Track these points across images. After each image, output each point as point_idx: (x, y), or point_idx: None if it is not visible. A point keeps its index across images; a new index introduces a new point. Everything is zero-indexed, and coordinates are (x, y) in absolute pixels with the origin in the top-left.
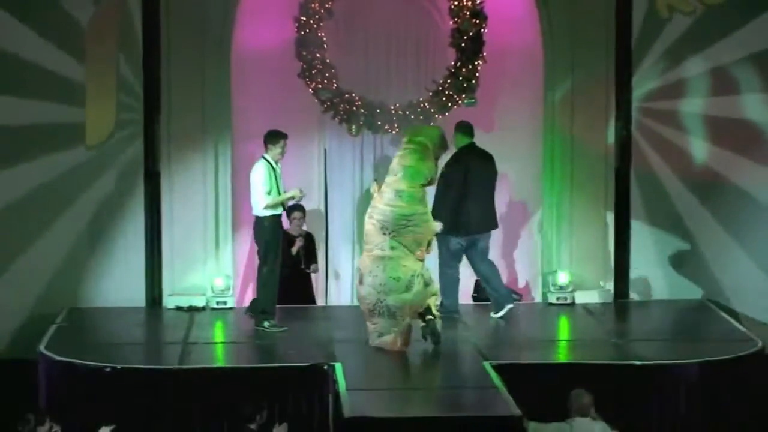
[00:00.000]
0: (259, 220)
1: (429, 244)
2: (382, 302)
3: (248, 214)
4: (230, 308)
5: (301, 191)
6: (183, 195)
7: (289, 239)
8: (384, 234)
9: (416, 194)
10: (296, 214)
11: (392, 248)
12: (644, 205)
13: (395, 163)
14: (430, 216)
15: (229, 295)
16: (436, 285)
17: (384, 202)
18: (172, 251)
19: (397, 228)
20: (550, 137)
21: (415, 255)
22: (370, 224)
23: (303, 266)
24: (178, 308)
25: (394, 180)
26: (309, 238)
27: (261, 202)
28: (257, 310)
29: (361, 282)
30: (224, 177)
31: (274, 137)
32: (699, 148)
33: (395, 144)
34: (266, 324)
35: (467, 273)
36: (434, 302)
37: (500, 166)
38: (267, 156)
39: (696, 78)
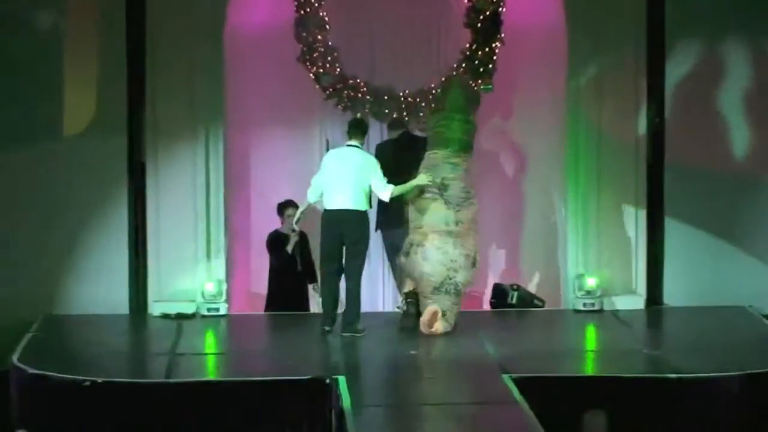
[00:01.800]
0: (362, 217)
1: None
2: (451, 279)
3: (243, 210)
4: (222, 315)
5: (432, 178)
6: (171, 190)
7: (283, 239)
8: (449, 209)
9: (468, 168)
10: (290, 211)
11: (457, 223)
12: (679, 202)
13: (437, 137)
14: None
15: (222, 301)
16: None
17: (443, 175)
18: (158, 252)
19: (460, 202)
20: (575, 127)
21: (474, 230)
22: (429, 199)
23: (299, 267)
24: (165, 316)
25: (445, 154)
26: (303, 238)
27: (386, 192)
28: (355, 321)
29: (425, 258)
30: (216, 170)
31: (363, 125)
32: (740, 138)
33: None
34: (359, 327)
35: (483, 277)
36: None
37: (519, 158)
38: (357, 143)
39: (736, 60)
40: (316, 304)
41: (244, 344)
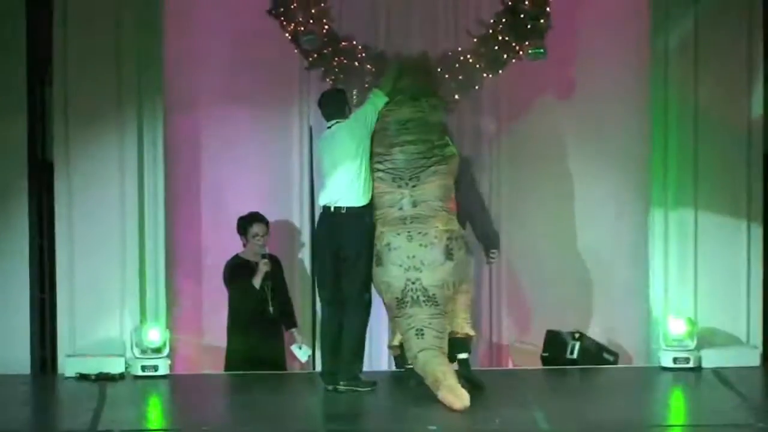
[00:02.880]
0: (358, 216)
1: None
2: (413, 283)
3: (191, 228)
4: (163, 376)
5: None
6: (89, 200)
7: (246, 268)
8: (399, 187)
9: (429, 118)
10: (257, 228)
11: (415, 204)
12: None
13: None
14: (452, 144)
15: (163, 355)
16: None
17: (387, 145)
18: (71, 288)
19: (415, 173)
20: (661, 109)
21: (447, 208)
22: (376, 181)
23: (270, 306)
24: (83, 377)
25: (392, 111)
26: (275, 264)
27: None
28: (352, 370)
29: (379, 263)
30: (153, 171)
31: (335, 98)
32: None
33: None
34: (360, 378)
35: (528, 320)
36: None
37: (584, 154)
38: (338, 120)
39: None
40: (296, 359)
41: (196, 417)
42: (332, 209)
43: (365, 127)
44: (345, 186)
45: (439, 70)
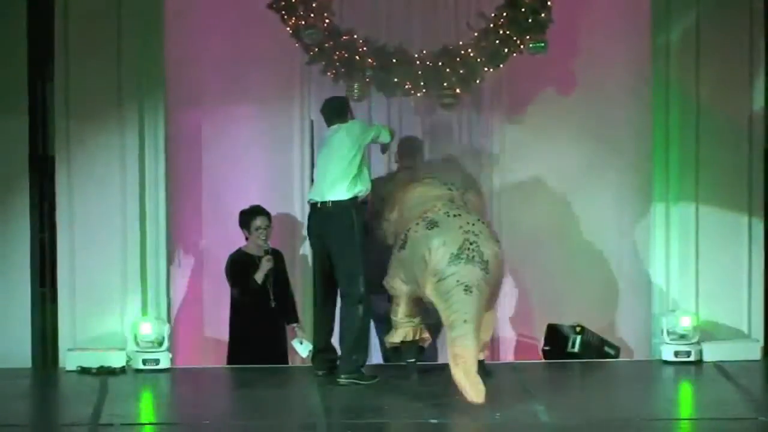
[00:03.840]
0: (342, 207)
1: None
2: (471, 243)
3: (193, 221)
4: (165, 370)
5: None
6: (90, 193)
7: (249, 262)
8: (449, 189)
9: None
10: (260, 221)
11: (465, 194)
12: None
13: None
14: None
15: (163, 349)
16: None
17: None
18: (72, 281)
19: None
20: (662, 103)
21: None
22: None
23: (272, 300)
24: (84, 370)
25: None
26: (278, 258)
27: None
28: (352, 363)
29: (431, 226)
30: (154, 165)
31: (335, 105)
32: None
33: (420, 112)
34: (361, 372)
35: (529, 313)
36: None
37: (585, 149)
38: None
39: None
40: (297, 353)
41: (196, 411)
42: (318, 204)
43: (363, 134)
44: (334, 181)
45: (440, 63)
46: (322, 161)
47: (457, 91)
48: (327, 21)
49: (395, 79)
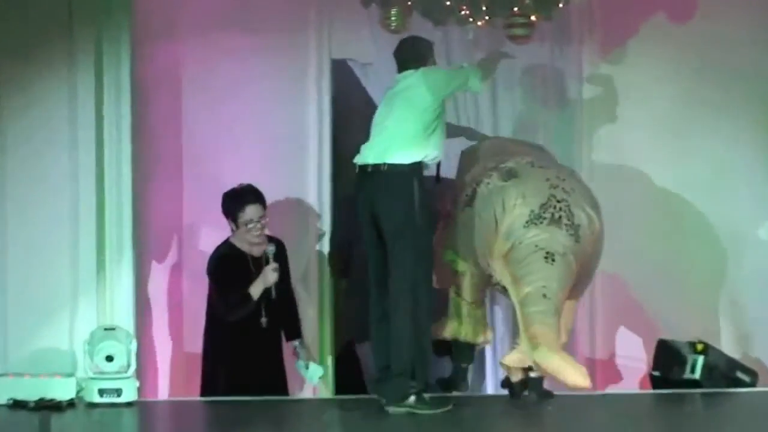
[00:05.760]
0: (406, 174)
1: None
2: (559, 202)
3: (169, 202)
4: (129, 404)
5: None
6: (28, 165)
7: (241, 260)
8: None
9: None
10: (251, 213)
11: None
12: None
13: None
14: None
15: (128, 375)
16: None
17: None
18: (3, 286)
19: None
20: None
21: None
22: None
23: (263, 317)
24: (17, 404)
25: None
26: (278, 251)
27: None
28: (403, 388)
29: (507, 177)
30: (116, 116)
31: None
32: None
33: (481, 48)
34: (421, 398)
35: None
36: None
37: (707, 99)
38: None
39: None
40: (302, 380)
41: None
42: (369, 168)
43: (445, 81)
44: (393, 138)
45: None
46: (383, 114)
47: (533, 18)
48: None
49: (446, 2)
